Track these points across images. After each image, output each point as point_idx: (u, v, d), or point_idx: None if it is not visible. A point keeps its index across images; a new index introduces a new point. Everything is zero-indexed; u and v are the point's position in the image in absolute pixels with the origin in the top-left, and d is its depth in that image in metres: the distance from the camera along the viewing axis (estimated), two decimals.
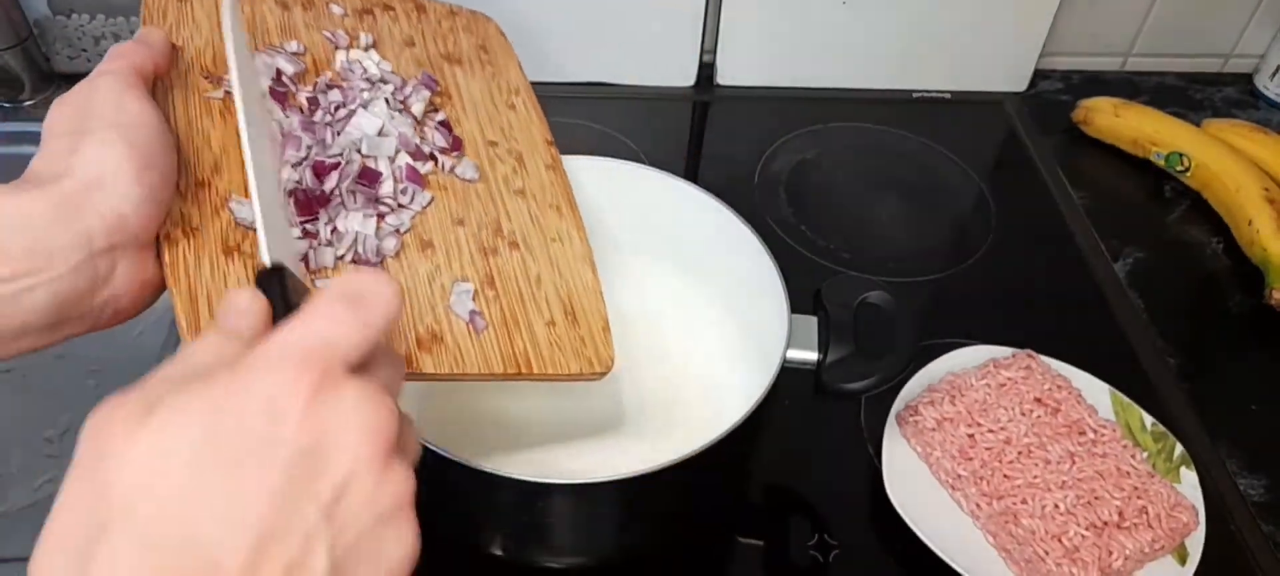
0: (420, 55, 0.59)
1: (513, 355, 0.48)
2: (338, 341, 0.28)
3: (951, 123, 0.94)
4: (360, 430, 0.27)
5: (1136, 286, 0.77)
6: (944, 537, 0.54)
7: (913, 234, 0.82)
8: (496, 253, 0.52)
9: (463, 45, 0.62)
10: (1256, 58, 1.01)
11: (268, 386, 0.26)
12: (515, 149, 0.59)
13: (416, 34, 0.60)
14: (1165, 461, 0.59)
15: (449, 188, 0.54)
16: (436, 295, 0.48)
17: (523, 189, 0.57)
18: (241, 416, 0.26)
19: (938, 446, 0.57)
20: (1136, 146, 0.90)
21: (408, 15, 0.61)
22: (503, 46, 0.65)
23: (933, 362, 0.63)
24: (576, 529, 0.53)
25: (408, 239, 0.50)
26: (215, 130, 0.46)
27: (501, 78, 0.62)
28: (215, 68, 0.49)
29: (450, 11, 0.64)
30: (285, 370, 0.26)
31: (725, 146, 0.91)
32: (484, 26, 0.65)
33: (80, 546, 0.24)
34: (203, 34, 0.50)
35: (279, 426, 0.26)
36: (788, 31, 0.91)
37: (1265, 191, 0.80)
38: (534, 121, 0.61)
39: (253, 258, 0.43)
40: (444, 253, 0.50)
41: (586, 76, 0.93)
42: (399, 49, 0.58)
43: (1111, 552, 0.52)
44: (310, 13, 0.56)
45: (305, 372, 0.26)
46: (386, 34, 0.58)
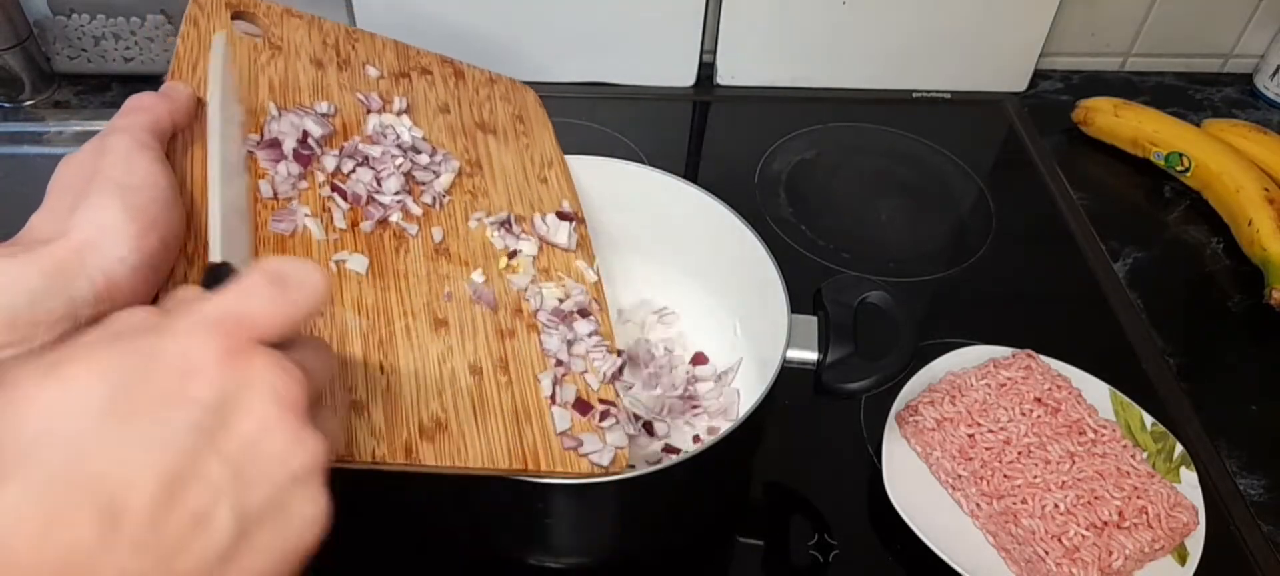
0: (454, 123, 0.58)
1: (521, 450, 0.44)
2: (253, 314, 0.29)
3: (951, 123, 0.94)
4: (267, 394, 0.28)
5: (1136, 286, 0.77)
6: (944, 537, 0.54)
7: (913, 234, 0.82)
8: (514, 335, 0.50)
9: (499, 114, 0.61)
10: (1256, 57, 1.02)
11: (180, 345, 0.27)
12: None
13: (452, 100, 0.59)
14: (1165, 461, 0.59)
15: (469, 261, 0.52)
16: (445, 379, 0.45)
17: (547, 268, 0.55)
18: (151, 371, 0.26)
19: (938, 446, 0.57)
20: (1136, 146, 0.90)
21: (445, 81, 0.60)
22: (539, 116, 0.64)
23: (933, 362, 0.63)
24: (576, 529, 0.53)
25: (421, 316, 0.47)
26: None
27: (536, 149, 0.61)
28: (246, 126, 0.47)
29: (490, 79, 0.63)
30: (197, 333, 0.27)
31: (725, 146, 0.91)
32: (522, 95, 0.64)
33: None
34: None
35: (187, 382, 0.27)
36: (788, 31, 0.91)
37: (1265, 191, 0.80)
38: (565, 196, 0.59)
39: None
40: (458, 332, 0.48)
41: (587, 76, 0.93)
42: (433, 115, 0.57)
43: (1111, 552, 0.52)
44: (346, 73, 0.54)
45: (217, 336, 0.28)
46: (422, 99, 0.57)
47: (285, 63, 0.52)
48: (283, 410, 0.28)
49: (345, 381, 0.42)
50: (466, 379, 0.46)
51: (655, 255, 0.66)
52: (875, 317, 0.54)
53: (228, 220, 0.39)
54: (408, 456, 0.41)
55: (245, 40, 0.51)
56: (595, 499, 0.50)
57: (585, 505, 0.51)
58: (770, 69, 0.95)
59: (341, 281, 0.46)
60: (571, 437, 0.46)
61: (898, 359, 0.52)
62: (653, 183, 0.63)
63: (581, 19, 0.88)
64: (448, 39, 0.85)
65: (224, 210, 0.39)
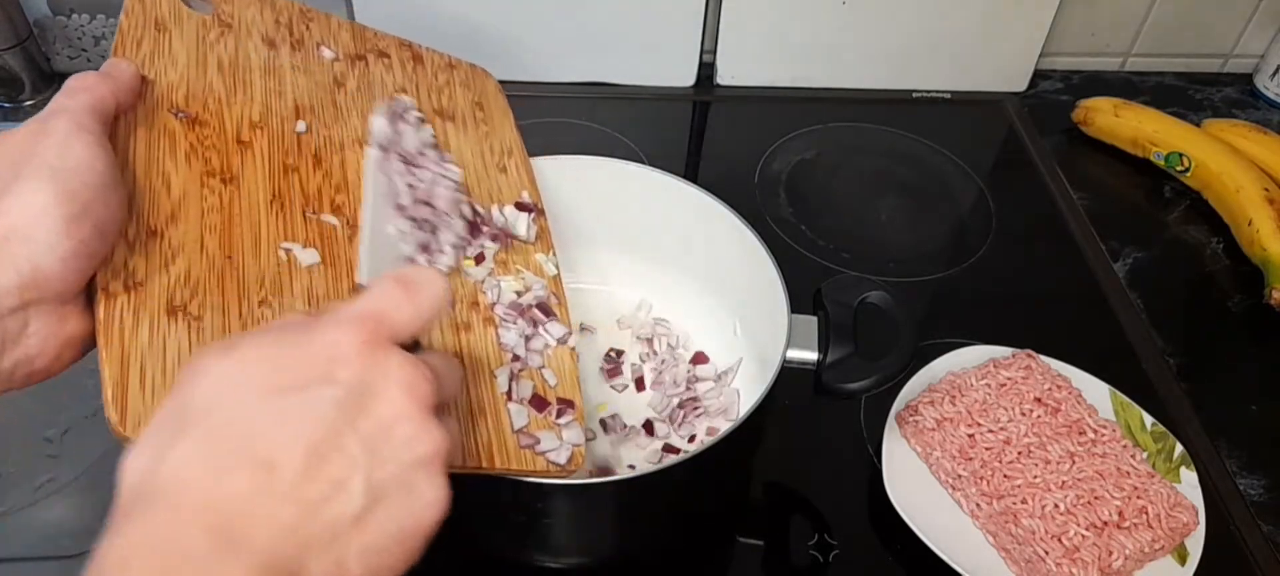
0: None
1: (475, 448, 0.43)
2: (389, 313, 0.33)
3: (951, 123, 0.94)
4: (400, 385, 0.31)
5: (1136, 286, 0.77)
6: (944, 537, 0.54)
7: (913, 234, 0.82)
8: (470, 329, 0.49)
9: (458, 100, 0.60)
10: (1256, 57, 1.02)
11: (329, 337, 0.31)
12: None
13: (410, 85, 0.58)
14: (1165, 461, 0.59)
15: None
16: None
17: (506, 260, 0.54)
18: (304, 356, 0.31)
19: (938, 446, 0.57)
20: (1136, 146, 0.90)
21: (403, 65, 0.58)
22: (499, 104, 0.63)
23: (933, 362, 0.63)
24: (576, 529, 0.53)
25: None
26: (177, 174, 0.43)
27: (495, 137, 0.60)
28: (187, 105, 0.46)
29: (449, 64, 0.62)
30: (344, 327, 0.32)
31: (725, 146, 0.91)
32: (482, 82, 0.63)
33: (162, 444, 0.29)
34: (178, 68, 0.47)
35: (334, 367, 0.31)
36: (788, 31, 0.91)
37: (1265, 191, 0.80)
38: (524, 185, 0.58)
39: (199, 319, 0.40)
40: None
41: (587, 77, 0.93)
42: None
43: (1111, 552, 0.52)
44: (299, 55, 0.53)
45: (360, 330, 0.32)
46: (378, 83, 0.56)
47: (236, 42, 0.51)
48: (412, 401, 0.31)
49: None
50: None
51: (655, 255, 0.66)
52: (875, 317, 0.54)
53: (375, 245, 0.42)
54: None
55: (193, 17, 0.50)
56: (595, 499, 0.50)
57: (585, 505, 0.51)
58: (770, 69, 0.95)
59: (291, 271, 0.45)
60: (528, 435, 0.45)
61: (898, 359, 0.52)
62: (653, 183, 0.63)
63: (581, 19, 0.88)
64: (447, 38, 0.84)
65: (373, 236, 0.42)
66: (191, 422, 0.29)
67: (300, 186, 0.48)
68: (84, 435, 0.60)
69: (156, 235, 0.41)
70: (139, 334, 0.38)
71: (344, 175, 0.50)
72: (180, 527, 0.27)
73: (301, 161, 0.49)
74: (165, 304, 0.39)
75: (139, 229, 0.40)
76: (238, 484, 0.28)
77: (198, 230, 0.42)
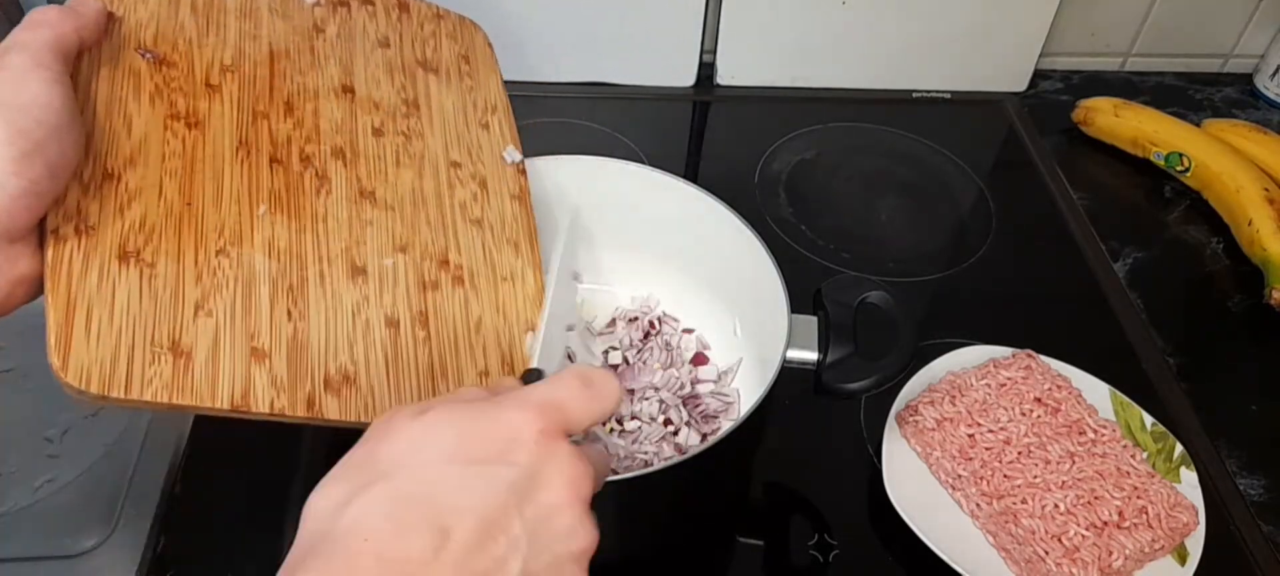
0: (393, 59, 0.54)
1: None
2: (567, 406, 0.34)
3: (951, 123, 0.94)
4: (566, 477, 0.32)
5: (1136, 286, 0.77)
6: (944, 537, 0.54)
7: (913, 234, 0.82)
8: (438, 287, 0.48)
9: (443, 53, 0.58)
10: (1256, 57, 1.02)
11: (512, 417, 0.32)
12: (480, 172, 0.54)
13: (393, 34, 0.56)
14: (1165, 461, 0.59)
15: (397, 207, 0.49)
16: (358, 331, 0.44)
17: (480, 219, 0.52)
18: (488, 433, 0.32)
19: (938, 446, 0.57)
20: (1136, 146, 0.90)
21: (388, 12, 0.56)
22: (487, 59, 0.61)
23: (932, 362, 0.63)
24: None
25: (338, 263, 0.45)
26: (139, 116, 0.42)
27: (480, 92, 0.58)
28: (155, 45, 0.44)
29: (436, 14, 0.60)
30: (527, 410, 0.33)
31: (725, 146, 0.91)
32: (471, 34, 0.61)
33: (349, 491, 0.30)
34: (149, 5, 0.45)
35: (512, 449, 0.32)
36: (788, 31, 0.91)
37: (1265, 191, 0.80)
38: (507, 144, 0.57)
39: (152, 266, 0.39)
40: (377, 282, 0.46)
41: (587, 76, 0.93)
42: (371, 49, 0.54)
43: (1111, 552, 0.52)
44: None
45: (540, 417, 0.32)
46: (360, 31, 0.54)
47: None
48: (574, 494, 0.32)
49: (248, 327, 0.41)
50: (381, 332, 0.44)
51: (655, 255, 0.66)
52: (875, 317, 0.54)
53: (550, 330, 0.41)
54: (310, 410, 0.40)
55: None
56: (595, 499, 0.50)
57: None
58: (770, 69, 0.95)
59: (253, 221, 0.44)
60: None
61: (898, 359, 0.52)
62: (653, 183, 0.63)
63: (581, 19, 0.88)
64: None
65: (549, 322, 0.42)
66: (380, 476, 0.30)
67: (269, 134, 0.47)
68: (84, 435, 0.60)
69: (113, 178, 0.40)
70: (88, 279, 0.37)
71: (316, 124, 0.49)
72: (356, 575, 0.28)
73: (272, 108, 0.47)
74: (117, 249, 0.39)
75: (95, 170, 0.39)
76: (414, 546, 0.29)
77: (157, 174, 0.41)
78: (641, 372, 0.62)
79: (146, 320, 0.38)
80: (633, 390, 0.62)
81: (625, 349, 0.64)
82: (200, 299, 0.40)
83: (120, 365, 0.37)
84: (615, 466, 0.58)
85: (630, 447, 0.58)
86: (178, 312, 0.39)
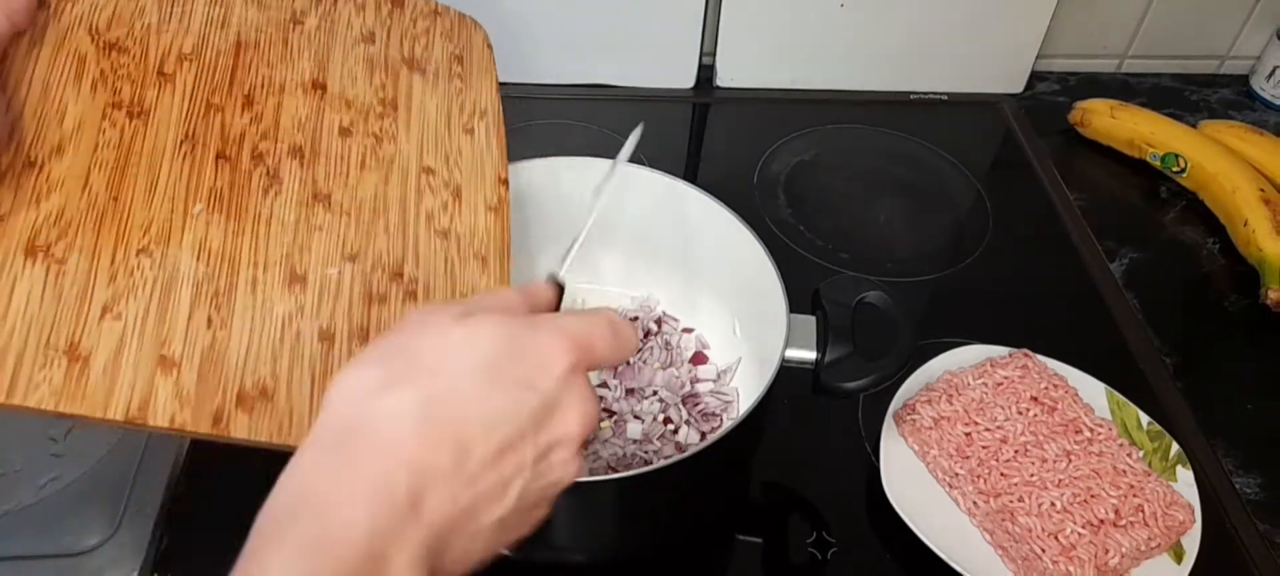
0: (375, 55, 0.51)
1: None
2: (596, 346, 0.34)
3: (949, 124, 0.95)
4: (579, 413, 0.33)
5: (1133, 286, 0.78)
6: (941, 535, 0.54)
7: (910, 234, 0.82)
8: (386, 301, 0.44)
9: (435, 51, 0.55)
10: (1252, 59, 1.02)
11: (548, 344, 0.33)
12: (454, 181, 0.51)
13: (381, 29, 0.52)
14: (1161, 460, 0.59)
15: (352, 213, 0.46)
16: (285, 343, 0.40)
17: (447, 230, 0.48)
18: (523, 354, 0.32)
19: (935, 445, 0.58)
20: (1132, 147, 0.90)
21: (379, 6, 0.53)
22: (483, 60, 0.58)
23: (930, 362, 0.63)
24: (576, 528, 0.53)
25: (275, 269, 0.42)
26: (76, 103, 0.40)
27: (468, 95, 0.55)
28: (109, 29, 0.42)
29: (434, 10, 0.57)
30: (563, 339, 0.33)
31: (725, 147, 0.91)
32: (469, 34, 0.58)
33: (383, 380, 0.31)
34: None
35: (540, 376, 0.32)
36: (787, 33, 0.92)
37: (1261, 192, 0.80)
38: (491, 153, 0.53)
39: (62, 263, 0.37)
40: (316, 292, 0.42)
41: (587, 78, 0.93)
42: (353, 43, 0.50)
43: (1108, 550, 0.52)
44: None
45: (573, 350, 0.33)
46: (343, 24, 0.51)
47: None
48: (582, 431, 0.33)
49: (160, 333, 0.38)
50: (313, 346, 0.41)
51: (655, 256, 0.66)
52: (873, 317, 0.54)
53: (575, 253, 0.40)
54: (216, 426, 0.38)
55: None
56: (595, 498, 0.50)
57: (585, 504, 0.51)
58: (770, 70, 0.95)
59: (185, 219, 0.41)
60: None
61: (896, 358, 0.52)
62: (653, 183, 0.63)
63: (581, 20, 0.88)
64: None
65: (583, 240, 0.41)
66: (416, 373, 0.31)
67: (221, 129, 0.44)
68: (87, 435, 0.60)
69: (34, 167, 0.38)
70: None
71: (275, 120, 0.46)
72: (388, 476, 0.29)
73: (230, 101, 0.45)
74: (25, 242, 0.37)
75: (16, 159, 0.38)
76: (440, 459, 0.30)
77: (85, 165, 0.39)
78: (641, 372, 0.63)
79: (45, 320, 0.37)
80: (633, 389, 0.62)
81: None
82: (109, 300, 0.38)
83: (6, 367, 0.35)
84: (615, 466, 0.58)
85: (630, 446, 0.59)
86: (82, 313, 0.37)
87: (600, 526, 0.54)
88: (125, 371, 0.37)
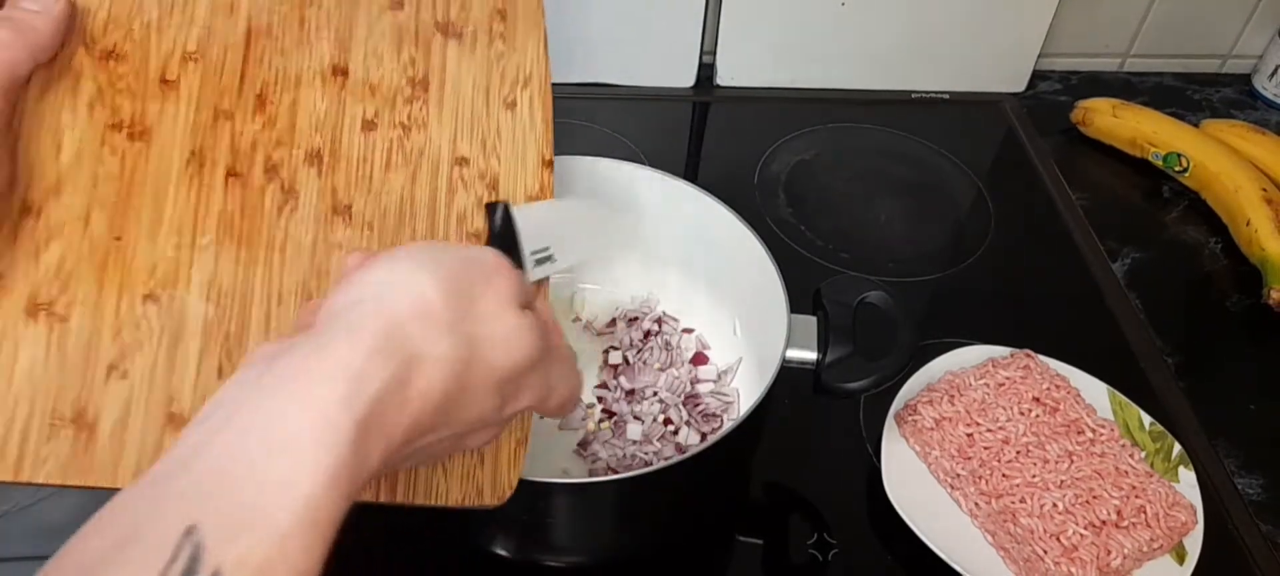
0: (405, 23, 0.46)
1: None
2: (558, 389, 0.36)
3: (950, 123, 0.95)
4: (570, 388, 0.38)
5: (1135, 286, 0.78)
6: (942, 536, 0.54)
7: (912, 234, 0.82)
8: None
9: (473, 10, 0.47)
10: (1254, 58, 1.02)
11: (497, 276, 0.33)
12: (491, 171, 0.45)
13: None
14: (1163, 460, 0.59)
15: (375, 224, 0.42)
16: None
17: (481, 232, 0.44)
18: (548, 354, 0.35)
19: (936, 445, 0.58)
20: (1135, 147, 0.90)
21: None
22: (530, 12, 0.50)
23: (931, 362, 0.63)
24: (577, 528, 0.53)
25: (290, 300, 0.39)
26: (73, 129, 0.37)
27: (511, 60, 0.48)
28: (104, 36, 0.39)
29: None
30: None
31: (725, 146, 0.91)
32: None
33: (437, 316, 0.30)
34: None
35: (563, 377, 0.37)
36: (787, 32, 0.92)
37: (1263, 192, 0.80)
38: (536, 129, 0.47)
39: (65, 321, 0.35)
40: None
41: (587, 77, 0.93)
42: (378, 13, 0.45)
43: (1110, 551, 0.52)
44: None
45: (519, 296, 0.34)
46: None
47: None
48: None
49: (168, 388, 0.36)
50: None
51: (655, 255, 0.66)
52: (874, 317, 0.54)
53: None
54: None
55: None
56: (595, 498, 0.50)
57: (585, 505, 0.51)
58: (770, 69, 0.95)
59: (194, 254, 0.38)
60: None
61: (897, 358, 0.52)
62: (653, 183, 0.63)
63: (581, 19, 0.88)
64: None
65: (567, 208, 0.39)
66: (474, 340, 0.31)
67: (231, 139, 0.40)
68: None
69: (32, 214, 0.35)
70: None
71: (291, 121, 0.42)
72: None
73: (240, 105, 0.41)
74: (26, 303, 0.35)
75: (11, 206, 0.35)
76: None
77: (85, 204, 0.37)
78: (641, 372, 0.63)
79: (50, 388, 0.35)
80: (633, 390, 0.62)
81: (625, 349, 0.64)
82: (116, 359, 0.36)
83: (12, 444, 0.33)
84: (615, 467, 0.58)
85: (630, 447, 0.58)
86: (87, 376, 0.35)
87: (600, 527, 0.54)
88: (132, 434, 0.35)
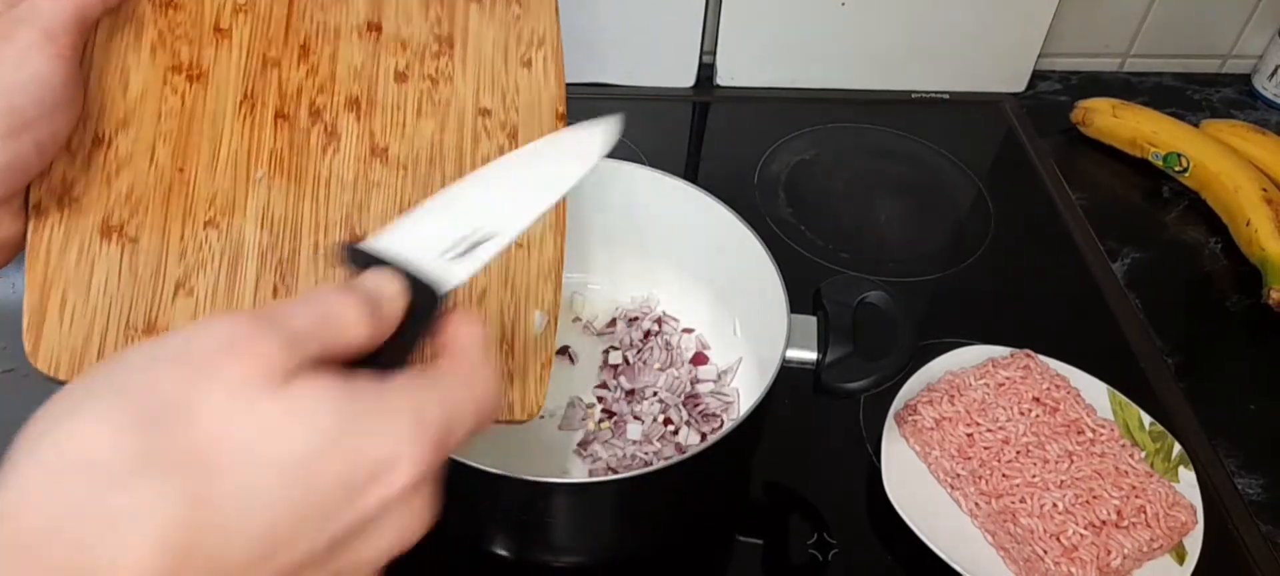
0: None
1: None
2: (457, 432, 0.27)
3: (950, 123, 0.95)
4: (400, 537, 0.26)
5: (1135, 286, 0.78)
6: (943, 536, 0.54)
7: (912, 234, 0.82)
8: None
9: None
10: (1254, 58, 1.02)
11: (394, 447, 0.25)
12: (511, 122, 0.48)
13: None
14: (1163, 460, 0.59)
15: (410, 166, 0.45)
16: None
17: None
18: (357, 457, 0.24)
19: (936, 445, 0.58)
20: (1135, 147, 0.90)
21: None
22: None
23: (931, 362, 0.63)
24: (577, 528, 0.53)
25: (335, 231, 0.42)
26: (138, 71, 0.40)
27: (527, 22, 0.51)
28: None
29: None
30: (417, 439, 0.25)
31: (725, 146, 0.91)
32: None
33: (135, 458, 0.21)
34: None
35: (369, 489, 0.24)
36: (787, 32, 0.92)
37: (1263, 192, 0.80)
38: (549, 85, 0.50)
39: (135, 242, 0.38)
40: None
41: (586, 77, 0.93)
42: None
43: (1110, 551, 0.52)
44: None
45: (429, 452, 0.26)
46: None
47: None
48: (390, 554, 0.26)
49: (229, 306, 0.39)
50: None
51: (655, 255, 0.66)
52: (874, 317, 0.54)
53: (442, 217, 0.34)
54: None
55: None
56: (595, 498, 0.50)
57: (585, 505, 0.51)
58: (770, 69, 0.95)
59: (248, 187, 0.41)
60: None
61: (897, 358, 0.52)
62: (653, 183, 0.63)
63: (581, 19, 0.88)
64: None
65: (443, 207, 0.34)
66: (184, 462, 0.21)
67: (278, 85, 0.43)
68: None
69: (103, 144, 0.38)
70: (67, 257, 0.36)
71: (331, 70, 0.45)
72: None
73: (286, 54, 0.44)
74: (100, 224, 0.37)
75: (85, 136, 0.38)
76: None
77: (150, 137, 0.40)
78: (641, 373, 0.63)
79: (124, 301, 0.37)
80: (632, 391, 0.62)
81: (625, 349, 0.64)
82: (182, 276, 0.39)
83: (92, 351, 0.36)
84: (615, 467, 0.58)
85: (630, 448, 0.58)
86: (157, 292, 0.38)
87: (600, 527, 0.54)
88: None
